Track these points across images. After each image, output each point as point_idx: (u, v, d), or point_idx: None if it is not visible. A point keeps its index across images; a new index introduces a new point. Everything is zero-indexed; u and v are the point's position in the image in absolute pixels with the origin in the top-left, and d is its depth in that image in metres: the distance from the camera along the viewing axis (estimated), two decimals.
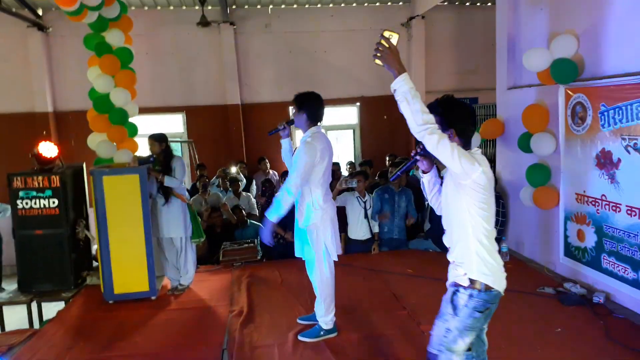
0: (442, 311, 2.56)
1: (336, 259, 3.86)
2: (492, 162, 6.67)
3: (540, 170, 5.12)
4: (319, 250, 3.76)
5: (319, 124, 3.80)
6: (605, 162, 4.29)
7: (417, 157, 2.59)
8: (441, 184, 2.66)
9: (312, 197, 3.70)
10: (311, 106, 3.74)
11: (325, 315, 3.84)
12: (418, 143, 2.45)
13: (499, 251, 2.57)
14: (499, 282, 2.45)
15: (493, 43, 6.27)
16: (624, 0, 4.12)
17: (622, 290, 4.18)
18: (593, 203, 4.48)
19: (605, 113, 4.24)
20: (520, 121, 5.30)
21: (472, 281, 2.43)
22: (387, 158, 8.45)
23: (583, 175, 4.59)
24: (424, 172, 2.70)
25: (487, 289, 2.41)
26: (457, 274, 2.51)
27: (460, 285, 2.48)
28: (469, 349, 2.53)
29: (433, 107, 2.46)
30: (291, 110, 3.84)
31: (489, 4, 9.77)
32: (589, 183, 4.52)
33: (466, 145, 2.46)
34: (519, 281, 4.88)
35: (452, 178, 2.45)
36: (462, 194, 2.41)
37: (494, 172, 6.30)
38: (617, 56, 4.22)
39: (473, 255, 2.43)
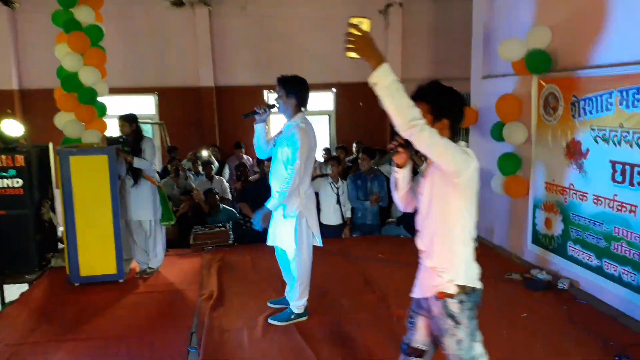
0: (440, 328, 2.30)
1: (321, 245, 3.87)
2: None
3: (512, 159, 5.19)
4: (304, 237, 3.73)
5: (303, 109, 3.75)
6: (575, 152, 4.36)
7: (399, 150, 2.26)
8: (414, 180, 2.43)
9: (300, 185, 3.64)
10: (300, 90, 3.69)
11: (298, 299, 3.83)
12: (396, 133, 2.15)
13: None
14: (479, 281, 2.33)
15: (470, 33, 6.30)
16: None
17: (585, 277, 4.29)
18: (561, 192, 4.57)
19: (576, 104, 4.30)
20: (493, 110, 5.34)
21: (460, 287, 2.24)
22: (355, 145, 8.50)
23: (553, 164, 4.67)
24: (398, 167, 2.36)
25: (473, 290, 2.27)
26: (440, 282, 2.25)
27: (447, 296, 2.24)
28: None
29: (422, 94, 2.25)
30: (266, 94, 3.75)
31: None
32: (558, 172, 4.60)
33: (454, 137, 2.26)
34: (487, 268, 4.86)
35: (441, 177, 2.19)
36: (451, 193, 2.20)
37: None
38: (589, 48, 4.27)
39: (460, 260, 2.25)
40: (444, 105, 2.25)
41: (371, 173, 6.08)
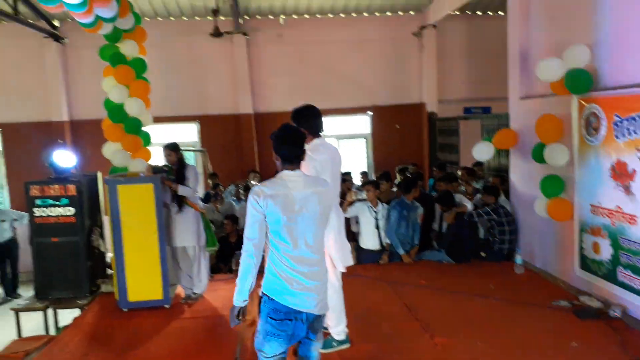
0: None
1: (342, 270, 3.82)
2: (505, 172, 6.65)
3: (555, 181, 5.09)
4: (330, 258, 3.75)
5: (321, 134, 3.78)
6: (621, 173, 4.26)
7: None
8: None
9: None
10: (307, 120, 3.69)
11: (336, 325, 3.84)
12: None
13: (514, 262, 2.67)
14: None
15: (505, 52, 6.28)
16: (637, 10, 4.10)
17: (638, 304, 4.13)
18: (608, 215, 4.44)
19: (619, 124, 4.21)
20: (533, 131, 5.27)
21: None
22: (397, 171, 8.42)
23: (598, 186, 4.56)
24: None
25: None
26: None
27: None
28: None
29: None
30: None
31: (500, 12, 9.78)
32: (604, 194, 4.48)
33: (285, 162, 2.80)
34: (533, 294, 4.85)
35: None
36: None
37: (508, 183, 6.29)
38: (631, 66, 4.19)
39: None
40: (274, 144, 2.85)
41: (412, 201, 6.07)
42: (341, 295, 3.86)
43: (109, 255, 5.60)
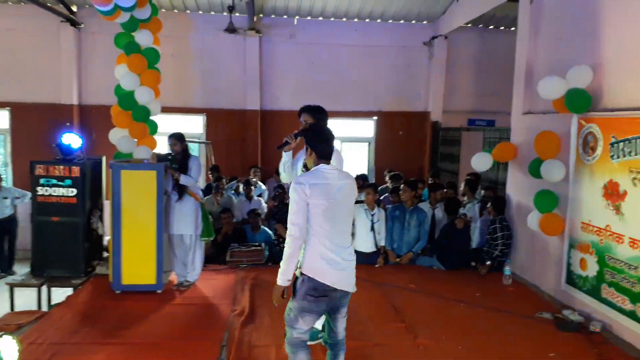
0: None
1: None
2: (502, 185, 6.73)
3: (549, 196, 5.17)
4: None
5: None
6: (612, 193, 4.34)
7: (290, 140, 3.46)
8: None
9: None
10: (323, 118, 3.86)
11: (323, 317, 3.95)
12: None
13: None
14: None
15: (512, 67, 6.36)
16: (637, 37, 4.18)
17: (619, 320, 4.21)
18: (597, 232, 4.52)
19: (615, 145, 4.29)
20: (532, 146, 5.36)
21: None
22: (386, 174, 8.61)
23: (590, 204, 4.64)
24: (285, 151, 3.55)
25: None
26: None
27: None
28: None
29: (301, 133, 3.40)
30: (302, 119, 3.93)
31: (512, 28, 9.84)
32: (595, 213, 4.56)
33: (319, 158, 3.08)
34: (519, 304, 4.94)
35: None
36: None
37: (504, 194, 6.36)
38: (631, 89, 4.28)
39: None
40: (308, 139, 3.15)
41: (411, 206, 6.17)
42: None
43: (107, 238, 5.71)
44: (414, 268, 6.08)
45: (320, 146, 3.10)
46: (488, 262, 5.86)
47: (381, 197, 7.04)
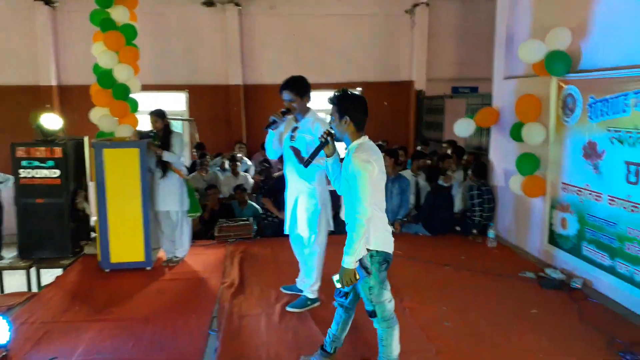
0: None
1: (333, 229, 4.15)
2: (485, 150, 6.79)
3: (530, 159, 5.23)
4: (322, 225, 4.00)
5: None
6: (591, 152, 4.40)
7: (328, 140, 2.90)
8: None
9: (317, 175, 3.94)
10: (308, 90, 3.95)
11: (314, 284, 4.06)
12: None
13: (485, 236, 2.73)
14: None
15: (494, 34, 6.35)
16: None
17: (599, 277, 4.33)
18: (577, 192, 4.61)
19: (594, 105, 4.34)
20: (514, 111, 5.40)
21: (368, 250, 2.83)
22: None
23: (570, 165, 4.71)
24: (327, 157, 2.98)
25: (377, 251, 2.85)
26: None
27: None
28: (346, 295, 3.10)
29: (330, 100, 2.90)
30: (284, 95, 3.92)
31: None
32: (575, 173, 4.64)
33: (359, 129, 2.86)
34: (503, 265, 5.05)
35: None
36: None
37: (487, 161, 6.43)
38: (608, 50, 4.31)
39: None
40: (344, 107, 2.85)
41: (393, 175, 6.21)
42: (323, 257, 4.08)
43: (94, 219, 5.71)
44: (400, 235, 6.14)
45: (361, 116, 2.87)
46: (474, 231, 5.94)
47: None
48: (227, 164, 8.01)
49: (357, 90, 10.46)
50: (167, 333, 3.71)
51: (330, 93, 2.98)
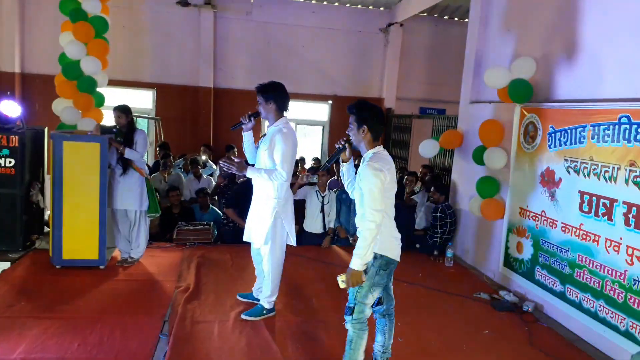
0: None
1: (293, 244, 4.08)
2: (448, 171, 6.93)
3: (490, 182, 5.37)
4: (277, 236, 3.92)
5: (285, 114, 3.92)
6: (549, 180, 4.55)
7: (345, 146, 3.07)
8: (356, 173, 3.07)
9: (276, 186, 3.84)
10: (279, 95, 3.87)
11: (270, 296, 4.01)
12: (346, 136, 3.02)
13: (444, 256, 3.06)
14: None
15: (464, 58, 6.52)
16: (580, 33, 4.38)
17: (550, 301, 4.46)
18: (534, 218, 4.75)
19: (553, 134, 4.50)
20: (477, 134, 5.53)
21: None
22: (312, 160, 8.85)
23: (528, 190, 4.85)
24: (343, 162, 3.15)
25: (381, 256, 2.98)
26: None
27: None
28: (379, 303, 3.15)
29: (349, 110, 3.03)
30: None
31: (465, 20, 10.06)
32: (533, 199, 4.78)
33: (375, 139, 3.00)
34: (459, 285, 5.13)
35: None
36: None
37: (449, 182, 6.56)
38: (568, 82, 4.49)
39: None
40: (363, 116, 2.97)
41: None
42: (281, 268, 4.04)
43: (47, 213, 5.52)
44: None
45: (379, 127, 3.02)
46: (435, 252, 6.02)
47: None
48: (189, 167, 7.89)
49: (327, 103, 10.55)
50: (116, 334, 3.59)
51: (302, 104, 3.05)
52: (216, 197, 7.19)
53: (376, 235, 2.83)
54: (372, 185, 2.82)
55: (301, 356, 3.49)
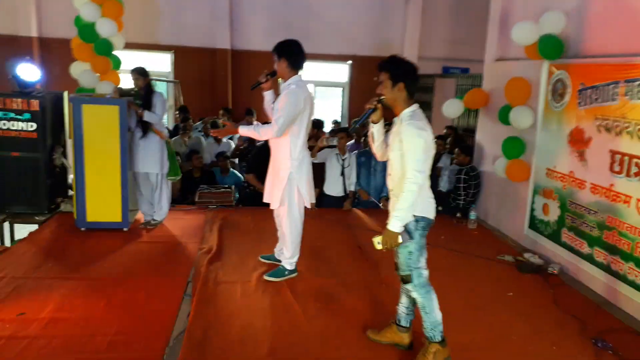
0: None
1: (309, 207, 4.03)
2: (472, 132, 6.77)
3: (516, 143, 5.22)
4: (293, 198, 3.89)
5: (299, 72, 3.83)
6: (577, 139, 4.40)
7: (376, 108, 2.88)
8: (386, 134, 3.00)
9: (290, 147, 3.80)
10: (291, 53, 3.79)
11: (292, 257, 4.01)
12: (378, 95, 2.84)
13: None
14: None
15: (488, 15, 6.26)
16: None
17: (576, 263, 4.37)
18: (561, 179, 4.61)
19: (583, 92, 4.31)
20: (503, 93, 5.35)
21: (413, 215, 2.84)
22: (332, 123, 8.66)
23: (555, 151, 4.71)
24: (373, 122, 2.97)
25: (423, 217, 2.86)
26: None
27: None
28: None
29: (382, 66, 2.82)
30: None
31: None
32: (560, 159, 4.64)
33: (411, 97, 2.83)
34: (482, 248, 5.07)
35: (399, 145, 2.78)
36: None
37: (474, 143, 6.42)
38: (601, 36, 4.26)
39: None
40: (399, 72, 2.79)
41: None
42: (301, 230, 4.03)
43: (71, 177, 5.56)
44: (382, 212, 6.13)
45: (415, 83, 2.83)
46: (458, 215, 5.94)
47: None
48: (209, 130, 7.85)
49: (347, 64, 10.34)
50: (140, 295, 3.65)
51: (320, 64, 2.93)
52: (236, 160, 7.17)
53: (417, 196, 2.72)
54: (415, 145, 2.69)
55: (323, 316, 3.50)
